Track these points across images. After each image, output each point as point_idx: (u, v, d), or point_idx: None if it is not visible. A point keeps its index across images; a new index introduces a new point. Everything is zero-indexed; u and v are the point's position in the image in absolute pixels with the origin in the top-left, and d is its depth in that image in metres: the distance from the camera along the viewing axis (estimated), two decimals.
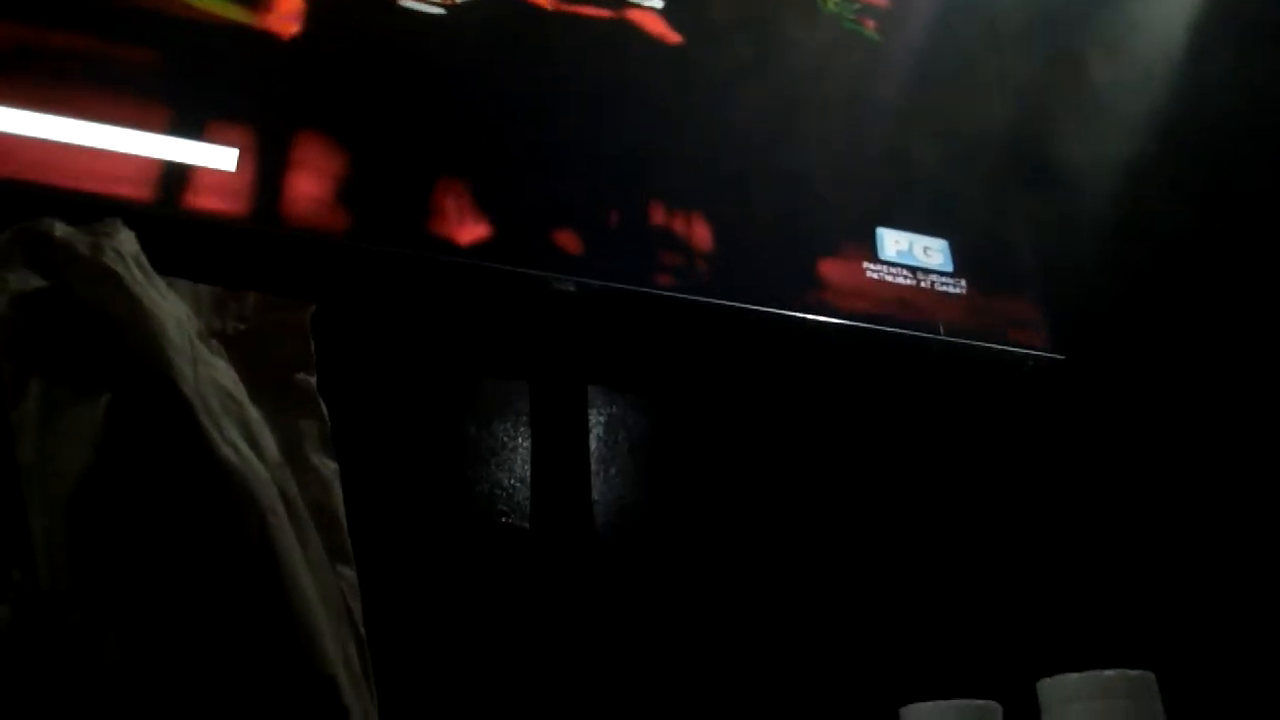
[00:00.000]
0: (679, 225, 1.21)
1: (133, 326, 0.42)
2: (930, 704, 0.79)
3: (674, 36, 1.32)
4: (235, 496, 0.43)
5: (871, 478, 1.26)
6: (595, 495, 1.16)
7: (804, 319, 1.21)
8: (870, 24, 1.47)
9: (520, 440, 1.17)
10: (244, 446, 0.45)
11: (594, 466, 1.17)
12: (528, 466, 1.15)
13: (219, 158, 1.04)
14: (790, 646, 1.11)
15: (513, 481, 1.15)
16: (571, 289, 1.14)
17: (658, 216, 1.21)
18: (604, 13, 1.29)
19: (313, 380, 0.66)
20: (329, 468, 0.64)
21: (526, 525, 1.12)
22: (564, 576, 1.10)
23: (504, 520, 1.12)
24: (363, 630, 0.60)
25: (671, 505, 1.18)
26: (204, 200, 1.01)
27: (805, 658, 1.11)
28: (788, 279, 1.23)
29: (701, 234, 1.22)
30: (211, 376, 0.46)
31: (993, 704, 0.79)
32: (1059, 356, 1.31)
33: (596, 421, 1.20)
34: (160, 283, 0.47)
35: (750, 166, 1.29)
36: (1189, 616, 1.12)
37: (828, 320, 1.22)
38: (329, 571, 0.56)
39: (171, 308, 0.46)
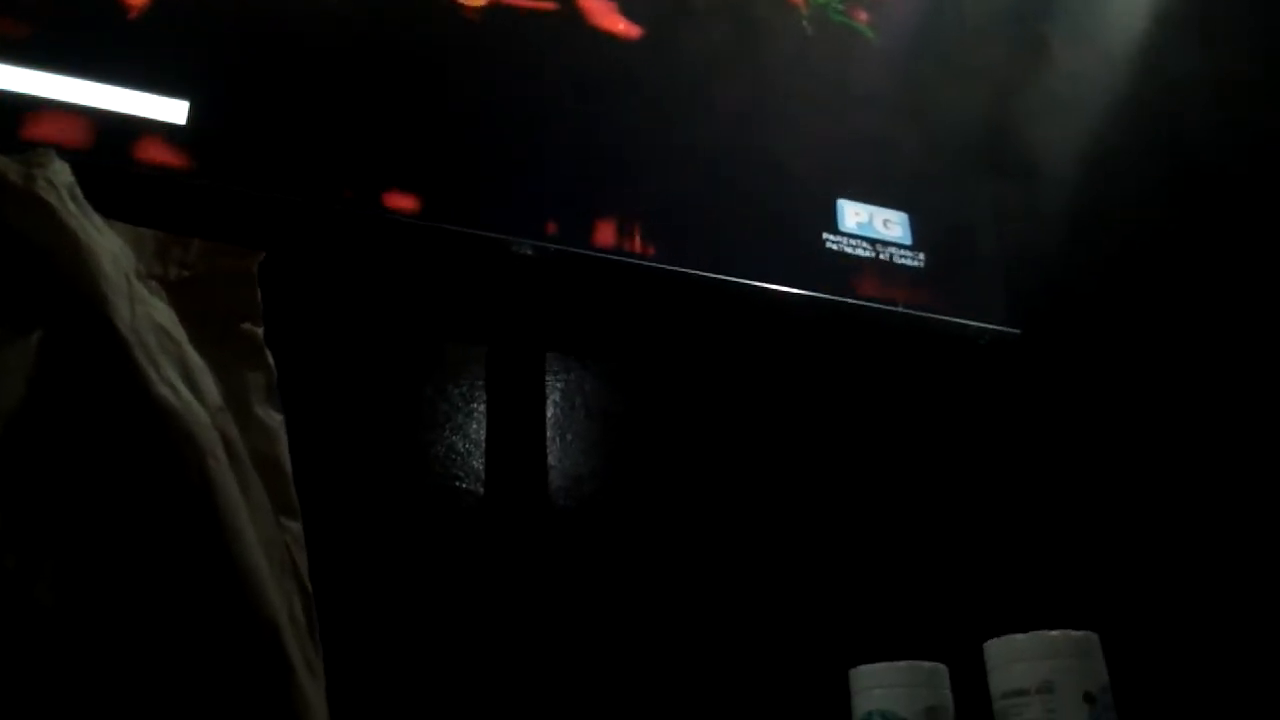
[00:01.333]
0: (639, 192, 1.20)
1: (66, 259, 0.41)
2: (878, 665, 0.80)
3: (634, 28, 1.30)
4: (172, 437, 0.42)
5: (824, 446, 1.26)
6: (551, 461, 1.16)
7: (761, 288, 1.21)
8: (839, 4, 1.47)
9: (476, 405, 1.16)
10: (183, 388, 0.44)
11: (550, 433, 1.17)
12: (483, 431, 1.14)
13: (168, 110, 1.02)
14: (743, 610, 1.12)
15: (467, 446, 1.14)
16: (529, 253, 1.13)
17: (618, 184, 1.20)
18: None
19: (259, 331, 0.65)
20: (274, 419, 0.62)
21: (481, 490, 1.11)
22: (516, 542, 1.10)
23: (457, 484, 1.11)
24: (309, 585, 0.59)
25: (627, 473, 1.18)
26: (151, 153, 0.99)
27: (757, 621, 1.12)
28: (746, 248, 1.23)
29: (660, 202, 1.21)
30: (149, 315, 0.44)
31: (939, 665, 0.80)
32: (1014, 331, 1.33)
33: (553, 388, 1.20)
34: (97, 218, 0.46)
35: (712, 138, 1.28)
36: (1132, 580, 1.15)
37: (785, 290, 1.22)
38: (273, 523, 0.55)
39: (107, 243, 0.45)
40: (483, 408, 1.15)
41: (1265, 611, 1.04)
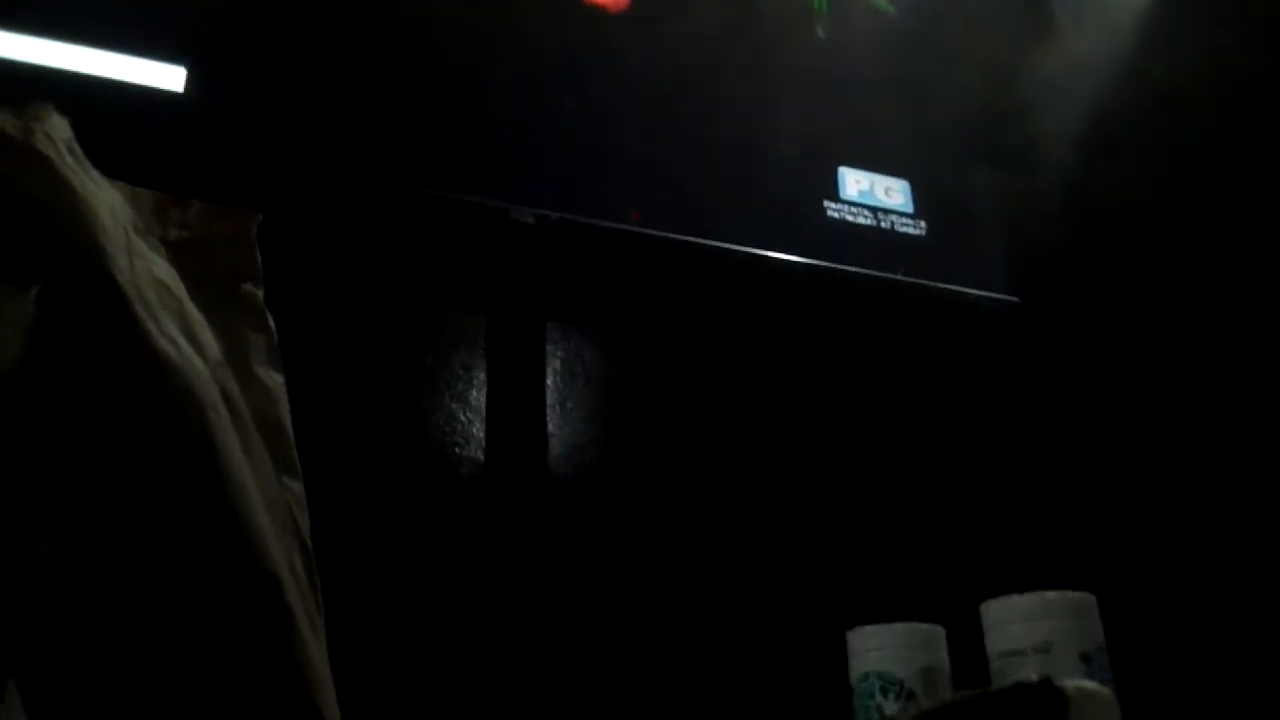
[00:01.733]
0: (641, 160, 1.20)
1: (64, 213, 0.41)
2: (876, 627, 0.80)
3: None
4: (173, 391, 0.42)
5: (824, 412, 1.27)
6: (551, 429, 1.16)
7: (762, 256, 1.21)
8: None
9: (477, 373, 1.16)
10: (183, 342, 0.44)
11: (550, 401, 1.17)
12: (484, 399, 1.15)
13: (166, 77, 1.02)
14: (742, 574, 1.13)
15: (468, 414, 1.14)
16: (530, 220, 1.13)
17: (621, 151, 1.20)
18: None
19: (260, 292, 0.65)
20: (275, 380, 0.62)
21: (481, 457, 1.11)
22: (516, 509, 1.10)
23: (457, 451, 1.11)
24: (309, 544, 0.59)
25: (626, 441, 1.18)
26: (148, 120, 0.98)
27: (758, 584, 1.12)
28: (747, 216, 1.23)
29: (663, 169, 1.21)
30: (148, 269, 0.44)
31: (937, 627, 0.81)
32: (1014, 300, 1.33)
33: (554, 356, 1.20)
34: (95, 173, 0.46)
35: (715, 106, 1.27)
36: (1129, 542, 1.15)
37: (787, 258, 1.22)
38: (275, 481, 0.56)
39: (106, 197, 0.44)
40: (483, 376, 1.16)
41: (1258, 574, 1.04)
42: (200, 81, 1.02)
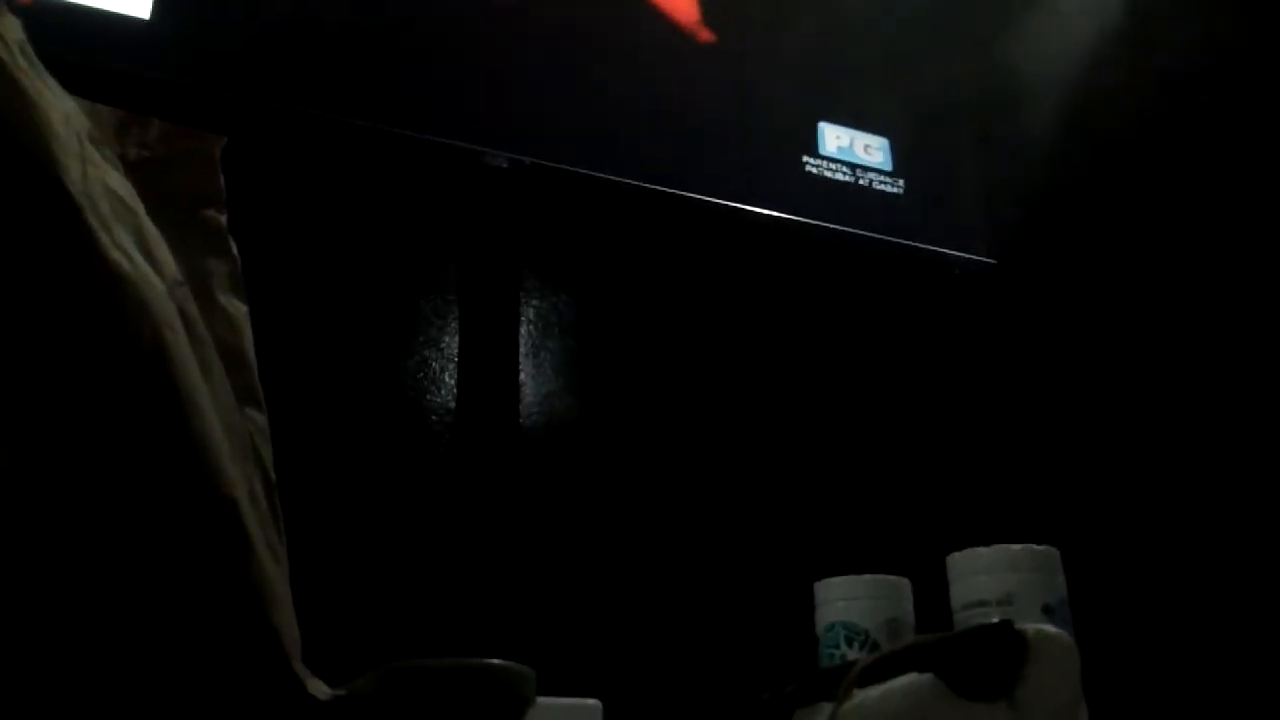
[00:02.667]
0: (620, 108, 1.18)
1: (12, 115, 0.39)
2: (842, 578, 0.80)
3: None
4: (125, 303, 0.40)
5: (796, 365, 1.26)
6: (523, 378, 1.15)
7: (739, 209, 1.20)
8: None
9: (451, 320, 1.15)
10: (138, 256, 0.43)
11: (523, 350, 1.16)
12: (455, 346, 1.13)
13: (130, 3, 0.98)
14: (713, 524, 1.13)
15: (440, 360, 1.13)
16: (504, 165, 1.11)
17: (599, 98, 1.17)
18: None
19: (222, 218, 0.63)
20: (238, 309, 0.61)
21: (451, 403, 1.10)
22: (486, 457, 1.09)
23: (429, 399, 1.10)
24: (273, 475, 0.58)
25: (599, 391, 1.18)
26: (111, 47, 0.95)
27: (727, 535, 1.13)
28: (725, 169, 1.21)
29: (640, 120, 1.19)
30: (102, 179, 0.43)
31: (902, 579, 0.81)
32: (990, 261, 1.32)
33: (528, 305, 1.19)
34: (50, 79, 0.44)
35: (695, 56, 1.25)
36: (1095, 498, 1.17)
37: (763, 212, 1.21)
38: (235, 410, 0.54)
39: (60, 103, 0.43)
40: (456, 322, 1.14)
41: (1220, 531, 1.06)
42: (166, 7, 0.99)
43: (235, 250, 0.62)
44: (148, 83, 0.95)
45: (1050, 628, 0.48)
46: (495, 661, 0.44)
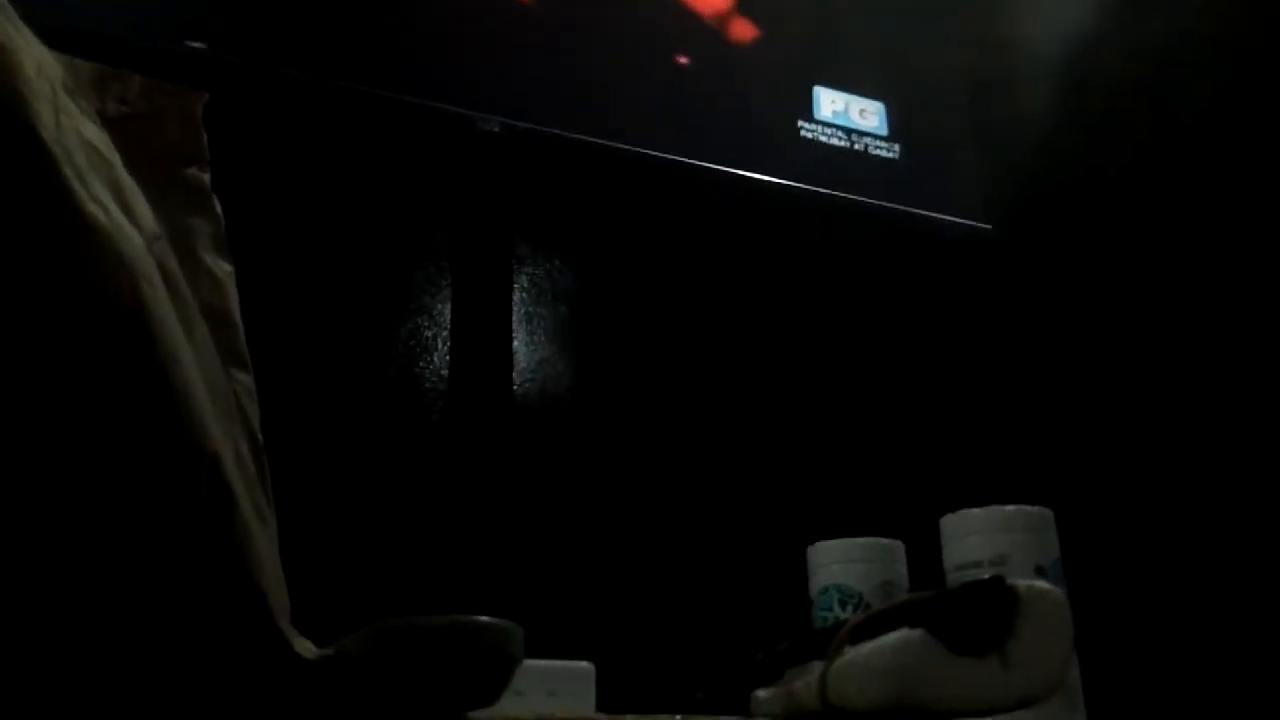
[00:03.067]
0: (613, 72, 1.17)
1: None
2: (836, 541, 0.80)
3: None
4: (101, 256, 0.39)
5: (790, 330, 1.25)
6: (516, 345, 1.14)
7: (734, 174, 1.19)
8: None
9: (444, 287, 1.14)
10: (114, 209, 0.42)
11: (515, 317, 1.15)
12: (449, 313, 1.12)
13: None
14: (708, 489, 1.13)
15: (433, 328, 1.12)
16: (496, 129, 1.10)
17: (594, 66, 1.16)
18: None
19: (206, 176, 0.62)
20: (223, 269, 0.60)
21: (445, 371, 1.10)
22: (478, 425, 1.09)
23: (421, 365, 1.10)
24: (260, 437, 0.57)
25: (592, 358, 1.17)
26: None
27: (722, 501, 1.12)
28: (720, 134, 1.20)
29: (635, 81, 1.18)
30: (77, 129, 0.42)
31: (896, 542, 0.81)
32: (986, 227, 1.32)
33: (521, 272, 1.18)
34: (24, 28, 0.43)
35: (688, 20, 1.24)
36: (1086, 460, 1.17)
37: (757, 177, 1.20)
38: (220, 371, 0.53)
39: (34, 50, 0.42)
40: (449, 290, 1.13)
41: (1211, 491, 1.06)
42: None
43: (219, 210, 0.61)
44: (132, 48, 0.94)
45: (1042, 583, 0.47)
46: (484, 619, 0.43)
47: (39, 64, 0.41)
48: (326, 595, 0.89)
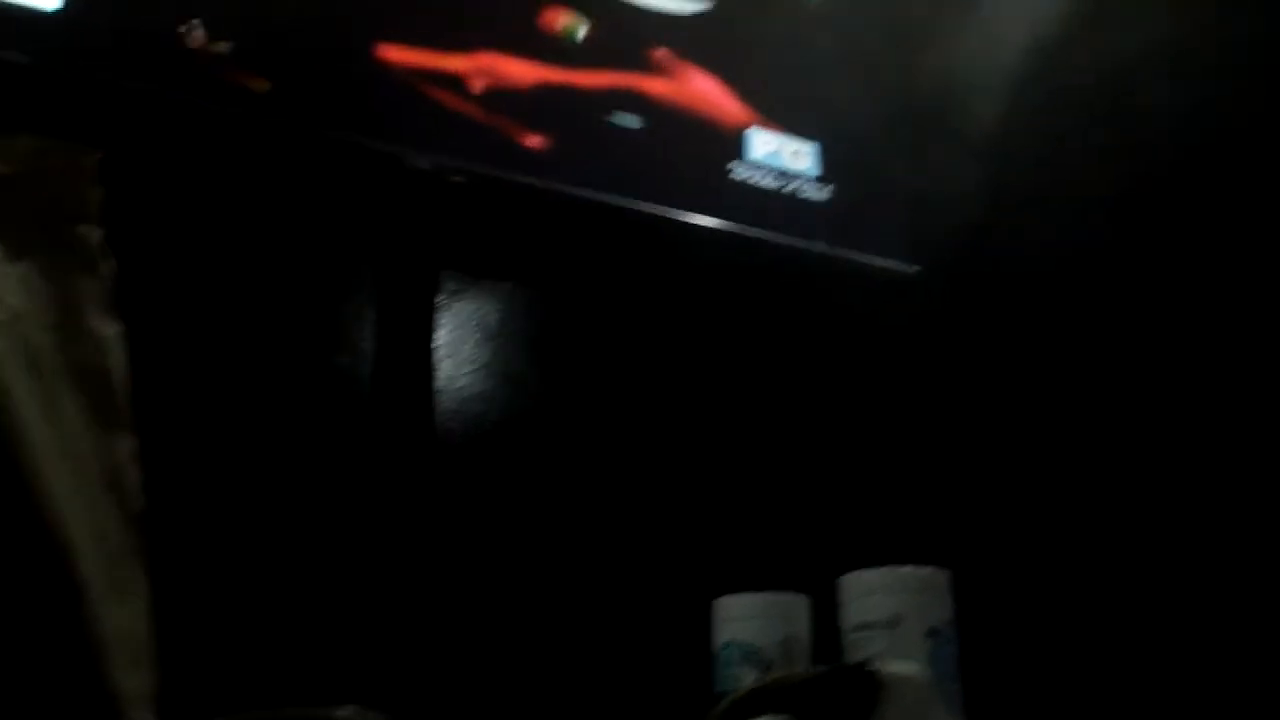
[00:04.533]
0: (545, 109, 1.17)
1: None
2: (738, 596, 0.81)
3: None
4: None
5: (706, 377, 1.26)
6: (439, 382, 1.14)
7: (663, 217, 1.19)
8: None
9: (368, 323, 1.13)
10: None
11: (441, 353, 1.15)
12: (372, 348, 1.12)
13: None
14: (612, 543, 1.13)
15: (355, 362, 1.11)
16: (425, 167, 1.10)
17: (524, 101, 1.16)
18: None
19: (95, 234, 0.61)
20: (109, 329, 0.59)
21: (365, 406, 1.09)
22: (397, 463, 1.08)
23: (342, 403, 1.09)
24: (137, 501, 0.57)
25: (515, 396, 1.17)
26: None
27: (626, 554, 1.12)
28: (651, 173, 1.21)
29: (565, 120, 1.18)
30: None
31: (800, 597, 0.82)
32: (913, 268, 1.33)
33: (447, 307, 1.17)
34: None
35: (625, 54, 1.24)
36: (985, 521, 1.18)
37: (687, 219, 1.21)
38: (92, 439, 0.53)
39: None
40: (372, 325, 1.13)
41: (1111, 553, 1.08)
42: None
43: (109, 268, 0.61)
44: (52, 82, 0.92)
45: (907, 666, 0.48)
46: (342, 712, 0.43)
47: None
48: (227, 655, 0.88)
